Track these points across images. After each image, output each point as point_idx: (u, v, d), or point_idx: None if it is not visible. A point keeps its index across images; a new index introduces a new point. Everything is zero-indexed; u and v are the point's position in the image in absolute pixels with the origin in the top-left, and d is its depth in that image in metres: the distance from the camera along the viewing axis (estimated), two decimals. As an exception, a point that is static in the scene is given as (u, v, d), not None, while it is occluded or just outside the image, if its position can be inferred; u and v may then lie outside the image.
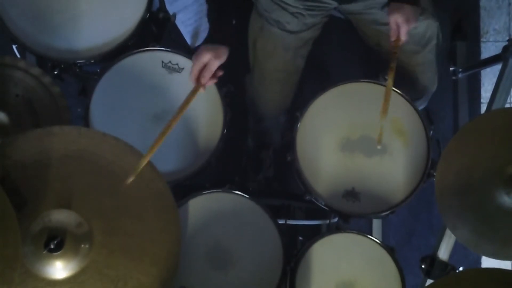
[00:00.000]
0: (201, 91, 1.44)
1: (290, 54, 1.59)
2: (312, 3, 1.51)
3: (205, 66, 1.42)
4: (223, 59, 1.44)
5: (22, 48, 1.51)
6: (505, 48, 1.68)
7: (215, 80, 1.46)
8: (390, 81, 1.43)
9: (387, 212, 1.44)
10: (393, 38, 1.47)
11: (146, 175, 1.14)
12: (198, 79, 1.43)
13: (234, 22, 1.53)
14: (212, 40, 1.46)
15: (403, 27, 1.44)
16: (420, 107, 1.74)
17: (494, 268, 1.01)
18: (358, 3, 1.51)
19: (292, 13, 1.52)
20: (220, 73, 1.46)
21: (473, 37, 2.23)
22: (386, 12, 1.48)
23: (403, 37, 1.46)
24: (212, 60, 1.42)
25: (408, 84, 1.55)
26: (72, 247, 1.03)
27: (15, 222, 0.93)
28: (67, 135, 1.13)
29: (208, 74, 1.43)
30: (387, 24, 1.49)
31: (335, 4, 1.52)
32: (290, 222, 1.75)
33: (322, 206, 1.46)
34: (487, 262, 2.06)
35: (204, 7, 1.72)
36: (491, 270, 1.01)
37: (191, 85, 1.45)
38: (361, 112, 1.48)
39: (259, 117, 1.80)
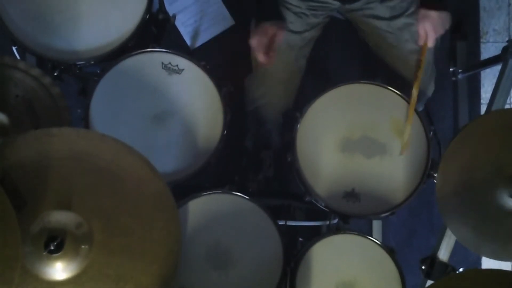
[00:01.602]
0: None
1: (293, 54, 1.59)
2: (315, 3, 1.50)
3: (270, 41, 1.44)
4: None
5: (22, 49, 1.51)
6: (504, 49, 1.68)
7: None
8: (415, 90, 1.48)
9: (387, 213, 1.44)
10: (420, 43, 1.53)
11: (146, 176, 1.14)
12: (266, 54, 1.45)
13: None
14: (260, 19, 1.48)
15: (430, 36, 1.51)
16: None
17: (494, 269, 1.01)
18: (360, 1, 1.51)
19: (295, 13, 1.51)
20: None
21: (473, 37, 2.23)
22: (386, 7, 1.48)
23: (430, 44, 1.53)
24: (278, 32, 1.45)
25: (401, 86, 1.55)
26: (72, 248, 1.03)
27: (15, 223, 0.93)
28: (66, 136, 1.12)
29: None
30: (385, 19, 1.49)
31: (338, 4, 1.52)
32: (290, 223, 1.75)
33: (322, 207, 1.46)
34: (487, 263, 2.06)
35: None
36: (491, 271, 1.01)
37: (191, 86, 1.44)
38: (361, 113, 1.48)
39: (260, 120, 1.78)
